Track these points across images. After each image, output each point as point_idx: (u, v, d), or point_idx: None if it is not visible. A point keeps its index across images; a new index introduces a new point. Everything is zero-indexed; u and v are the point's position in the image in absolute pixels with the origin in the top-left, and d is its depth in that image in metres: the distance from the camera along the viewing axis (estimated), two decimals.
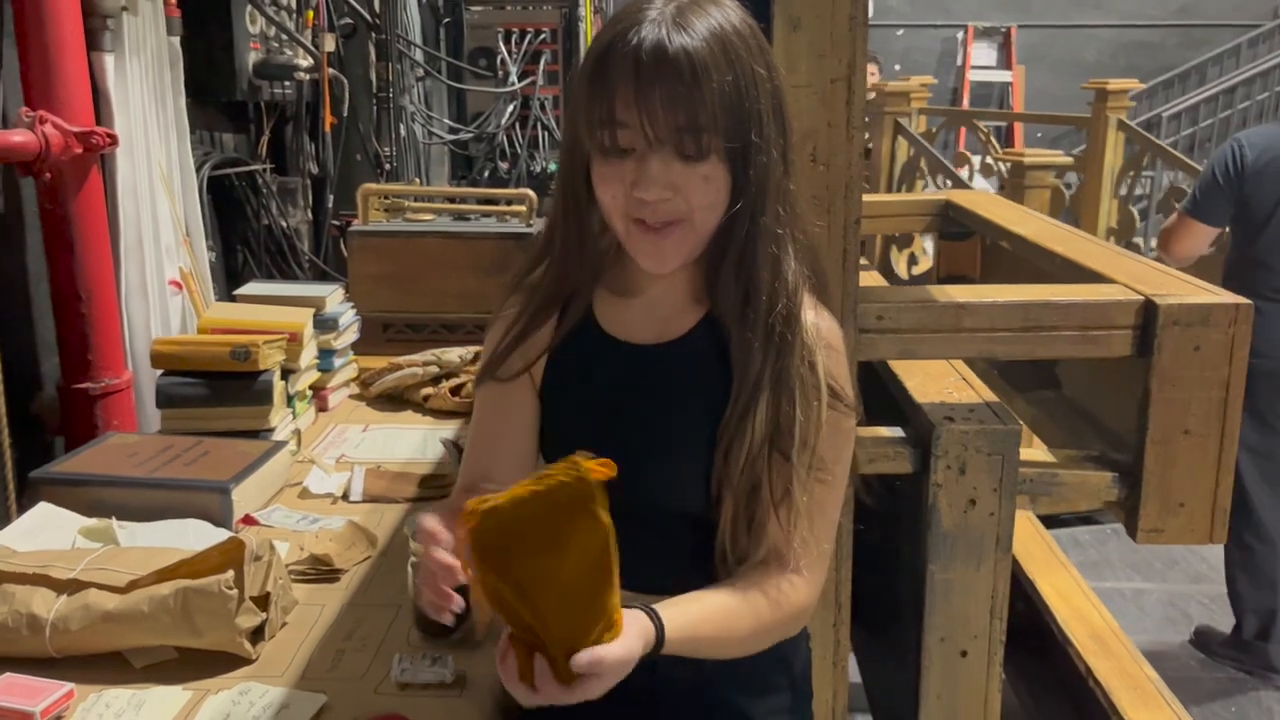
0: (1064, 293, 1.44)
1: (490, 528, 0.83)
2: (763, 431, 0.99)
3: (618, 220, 1.00)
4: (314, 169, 3.53)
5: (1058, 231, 1.99)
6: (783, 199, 1.00)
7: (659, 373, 1.07)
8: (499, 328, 1.14)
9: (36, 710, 1.11)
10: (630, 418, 1.07)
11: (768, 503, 1.01)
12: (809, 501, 1.02)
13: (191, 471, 1.64)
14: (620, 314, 1.10)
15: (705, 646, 1.01)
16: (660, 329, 1.08)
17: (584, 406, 1.10)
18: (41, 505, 1.55)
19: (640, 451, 1.04)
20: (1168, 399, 1.39)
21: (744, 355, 1.01)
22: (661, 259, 1.00)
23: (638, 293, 1.09)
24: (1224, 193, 2.88)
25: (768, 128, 0.97)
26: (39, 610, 1.23)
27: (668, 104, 0.92)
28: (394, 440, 2.00)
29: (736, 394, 1.01)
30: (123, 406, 2.15)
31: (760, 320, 1.00)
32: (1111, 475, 1.46)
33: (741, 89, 0.94)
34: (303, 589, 1.43)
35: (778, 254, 1.00)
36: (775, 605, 1.03)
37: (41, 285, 2.15)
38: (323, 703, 1.18)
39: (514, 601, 0.86)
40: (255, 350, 1.84)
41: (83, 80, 2.08)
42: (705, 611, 1.00)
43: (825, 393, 1.01)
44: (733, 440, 1.00)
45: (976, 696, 1.46)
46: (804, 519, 1.02)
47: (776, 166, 0.99)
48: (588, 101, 0.97)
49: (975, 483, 1.41)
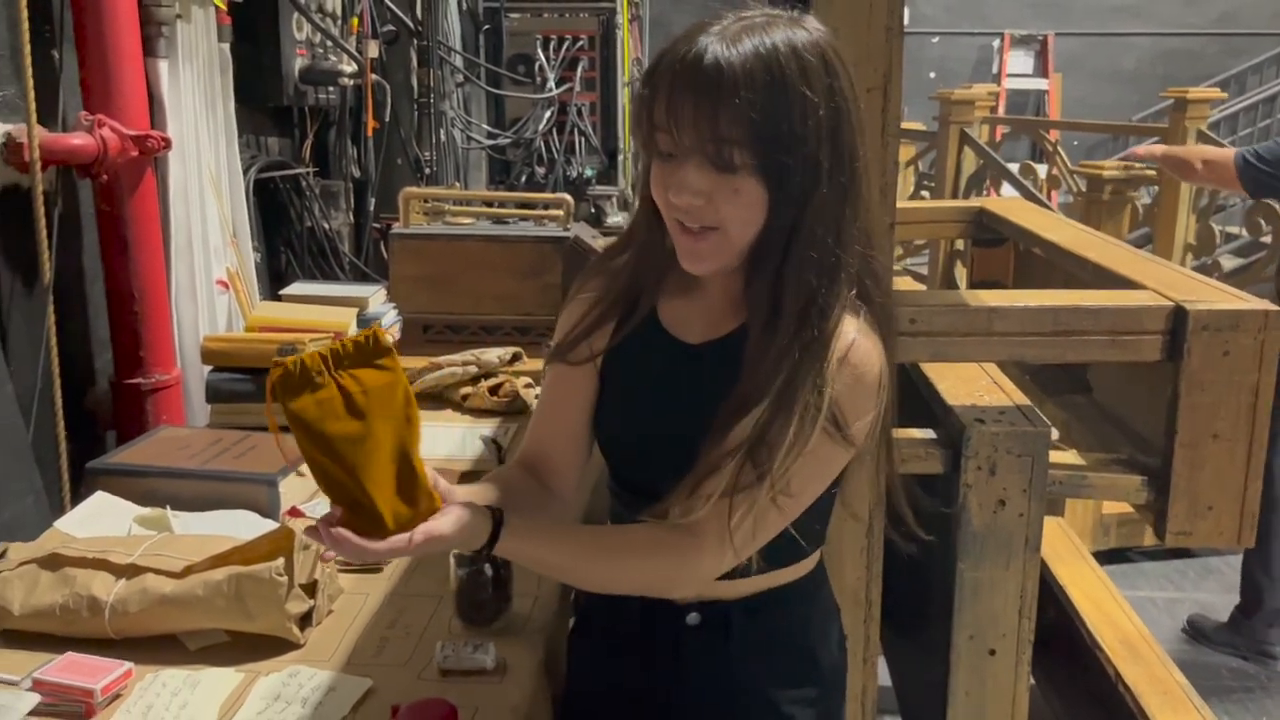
0: (1094, 298, 1.46)
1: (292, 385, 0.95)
2: (744, 435, 1.00)
3: (667, 219, 1.04)
4: (356, 172, 3.60)
5: (1090, 238, 2.00)
6: (830, 224, 0.99)
7: (695, 371, 1.11)
8: (574, 310, 1.18)
9: (97, 688, 1.16)
10: (668, 411, 1.12)
11: (714, 486, 1.00)
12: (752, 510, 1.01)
13: (240, 464, 1.69)
14: (678, 311, 1.14)
15: (550, 566, 1.08)
16: (707, 330, 1.12)
17: (632, 395, 1.15)
18: (98, 494, 1.61)
19: (676, 442, 1.08)
20: (1196, 403, 1.40)
21: (755, 360, 1.02)
22: (696, 261, 1.03)
23: (696, 291, 1.12)
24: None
25: (814, 152, 0.96)
26: (99, 593, 1.28)
27: (694, 113, 0.95)
28: (434, 438, 2.05)
29: (739, 390, 1.02)
30: (172, 402, 2.22)
31: (779, 338, 1.00)
32: (1140, 478, 1.47)
33: (782, 110, 0.94)
34: (348, 578, 1.47)
35: (814, 281, 0.99)
36: (655, 555, 1.05)
37: (97, 284, 2.23)
38: (368, 687, 1.22)
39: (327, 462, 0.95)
40: (302, 348, 1.89)
41: (139, 85, 2.15)
42: (563, 534, 1.08)
43: (824, 418, 1.00)
44: (719, 429, 1.01)
45: (1005, 695, 1.48)
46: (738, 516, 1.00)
47: (824, 191, 0.98)
48: (641, 106, 1.01)
49: (1005, 483, 1.43)
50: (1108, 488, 1.48)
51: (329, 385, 0.93)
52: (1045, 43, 9.87)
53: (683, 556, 1.03)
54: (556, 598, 1.44)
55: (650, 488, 1.09)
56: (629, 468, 1.19)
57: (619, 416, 1.17)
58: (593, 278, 1.19)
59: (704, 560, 1.03)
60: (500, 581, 1.34)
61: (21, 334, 2.00)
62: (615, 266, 1.16)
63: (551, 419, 1.21)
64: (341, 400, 0.94)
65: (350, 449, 0.95)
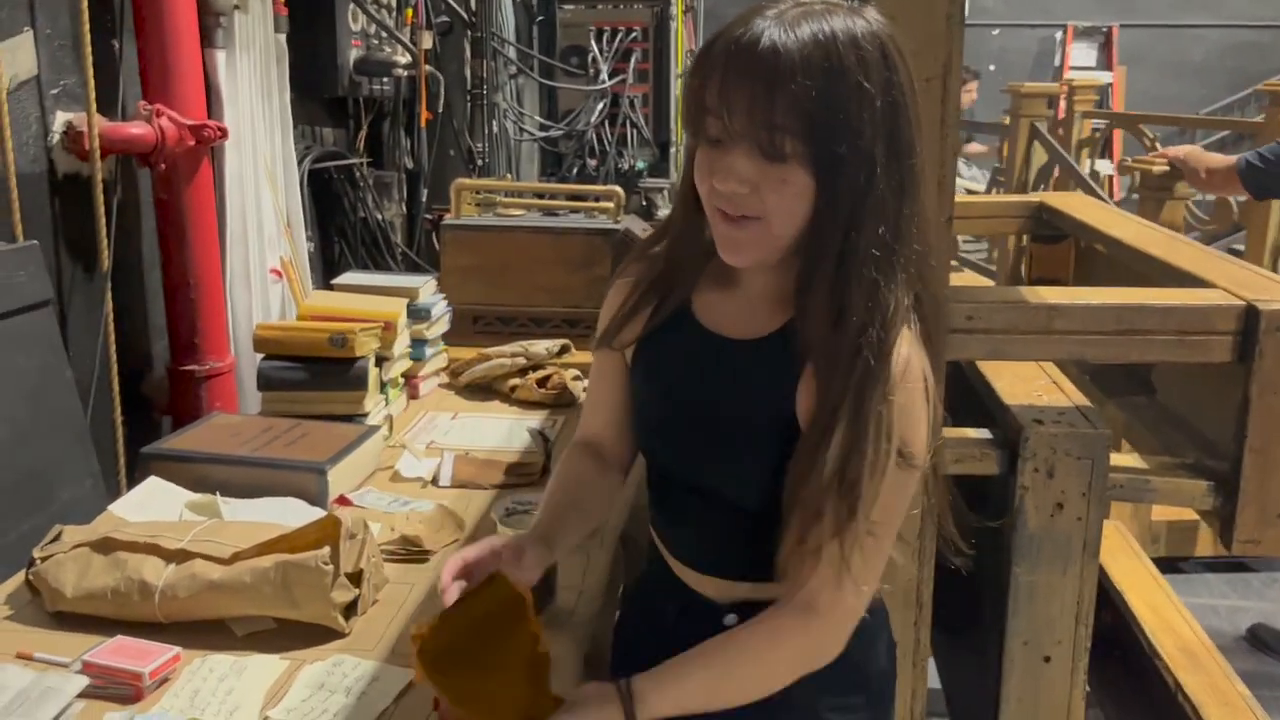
0: (1161, 296, 1.41)
1: (429, 649, 1.01)
2: (833, 465, 0.97)
3: (706, 206, 1.01)
4: (409, 163, 3.62)
5: (1154, 234, 1.94)
6: (888, 221, 0.96)
7: (731, 367, 1.08)
8: (615, 296, 1.18)
9: (145, 671, 1.17)
10: (701, 404, 1.09)
11: (826, 528, 0.99)
12: (856, 545, 0.99)
13: (290, 452, 1.70)
14: (714, 304, 1.11)
15: (700, 701, 1.04)
16: (745, 326, 1.08)
17: (664, 387, 1.13)
18: (151, 479, 1.62)
19: (704, 438, 1.09)
20: (1268, 406, 1.35)
21: (826, 380, 0.98)
22: (736, 251, 1.00)
23: (733, 285, 1.10)
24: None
25: (870, 144, 0.93)
26: (149, 577, 1.29)
27: (747, 98, 0.93)
28: (482, 428, 2.05)
29: (814, 417, 0.99)
30: (226, 388, 2.24)
31: (848, 345, 0.97)
32: (1207, 484, 1.42)
33: (835, 99, 0.92)
34: (393, 568, 1.47)
35: (876, 278, 0.96)
36: (783, 644, 1.04)
37: (154, 272, 2.26)
38: (411, 678, 1.21)
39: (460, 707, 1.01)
40: (352, 337, 1.90)
41: (196, 75, 2.18)
42: (690, 669, 1.03)
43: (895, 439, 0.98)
44: (809, 462, 0.98)
45: (1059, 704, 1.44)
46: (856, 557, 0.99)
47: (880, 186, 0.95)
48: (690, 87, 0.99)
49: (1063, 486, 1.39)
50: (1172, 493, 1.43)
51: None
52: (1110, 35, 9.66)
53: (807, 633, 1.03)
54: (601, 591, 1.43)
55: (680, 479, 1.11)
56: (658, 458, 1.18)
57: (650, 407, 1.16)
58: (632, 263, 1.18)
59: (828, 622, 1.03)
60: (545, 574, 1.33)
61: (81, 320, 2.03)
62: (654, 253, 1.15)
63: (600, 404, 1.23)
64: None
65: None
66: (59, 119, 1.96)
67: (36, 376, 1.78)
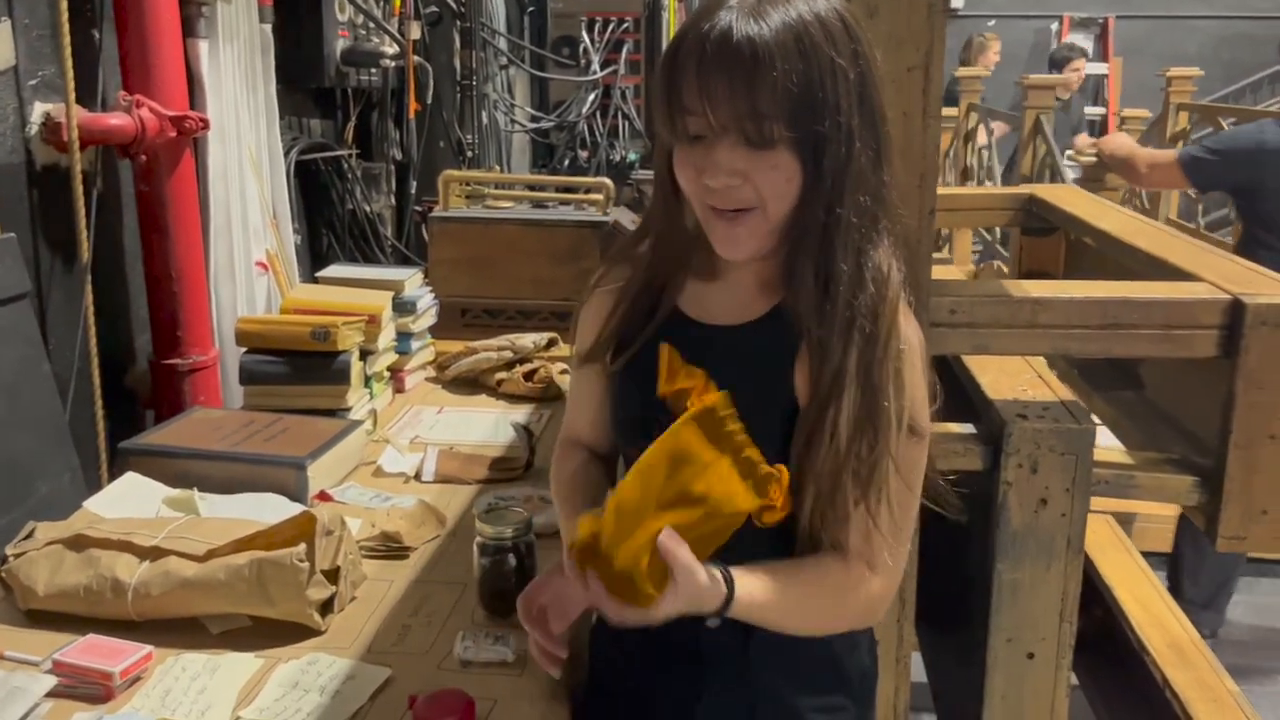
0: (1145, 290, 1.39)
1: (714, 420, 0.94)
2: (849, 428, 0.98)
3: (697, 206, 1.02)
4: (398, 155, 3.60)
5: (1143, 227, 1.93)
6: (868, 190, 0.99)
7: (725, 354, 1.07)
8: (597, 307, 1.16)
9: (116, 670, 1.16)
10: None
11: (849, 496, 1.00)
12: (891, 499, 1.01)
13: (271, 447, 1.69)
14: (700, 296, 1.11)
15: (775, 616, 1.04)
16: (735, 313, 1.09)
17: (652, 380, 1.10)
18: (129, 475, 1.61)
19: None
20: (1254, 402, 1.34)
21: (821, 350, 0.99)
22: (735, 245, 1.01)
23: (718, 277, 1.10)
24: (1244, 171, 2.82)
25: (847, 118, 0.95)
26: (122, 575, 1.28)
27: (729, 91, 0.93)
28: (467, 423, 2.03)
29: (814, 390, 1.00)
30: (209, 382, 2.23)
31: (839, 312, 0.98)
32: (1192, 479, 1.41)
33: (814, 79, 0.93)
34: (373, 565, 1.46)
35: (861, 245, 0.99)
36: (849, 592, 1.05)
37: (136, 265, 2.24)
38: (387, 676, 1.21)
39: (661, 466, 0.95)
40: (335, 331, 1.88)
41: (178, 66, 2.15)
42: (779, 583, 1.03)
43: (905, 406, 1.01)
44: (811, 436, 0.99)
45: (1043, 700, 1.43)
46: (884, 516, 1.01)
47: (860, 157, 0.97)
48: (662, 89, 0.99)
49: (1047, 482, 1.38)
50: (1157, 489, 1.42)
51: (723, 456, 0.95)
52: (1106, 26, 9.63)
53: (867, 581, 1.05)
54: None
55: None
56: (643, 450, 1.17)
57: (642, 409, 1.13)
58: (610, 271, 1.16)
59: (886, 579, 1.06)
60: (524, 571, 1.32)
61: (60, 313, 2.01)
62: (635, 257, 1.14)
63: (585, 407, 1.22)
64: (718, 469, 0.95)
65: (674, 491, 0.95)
66: (37, 110, 1.94)
67: (14, 370, 1.76)
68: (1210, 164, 2.91)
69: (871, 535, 1.02)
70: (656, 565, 0.94)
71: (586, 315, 1.17)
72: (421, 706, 1.12)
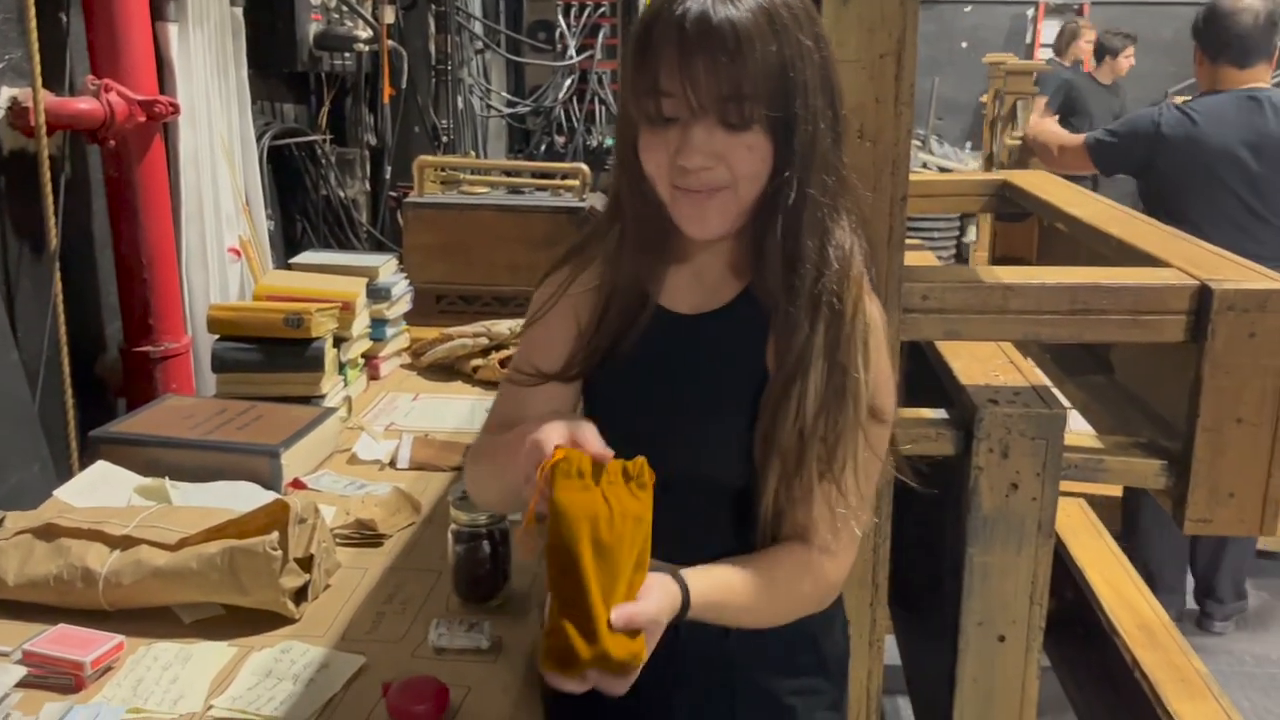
0: (1114, 275, 1.40)
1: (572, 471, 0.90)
2: (815, 402, 0.99)
3: (662, 187, 1.01)
4: (372, 140, 3.58)
5: (1114, 213, 1.94)
6: (831, 170, 1.00)
7: (696, 342, 1.08)
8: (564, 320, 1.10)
9: (87, 660, 1.15)
10: (667, 384, 1.09)
11: (811, 475, 1.01)
12: (855, 475, 1.03)
13: (244, 435, 1.68)
14: (671, 284, 1.10)
15: (731, 614, 1.04)
16: (702, 299, 1.09)
17: (625, 371, 1.10)
18: (100, 464, 1.60)
19: (676, 418, 1.07)
20: (1220, 386, 1.35)
21: (788, 325, 1.00)
22: (704, 224, 1.01)
23: (683, 261, 1.09)
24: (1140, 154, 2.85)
25: (814, 99, 0.97)
26: (93, 564, 1.27)
27: (711, 73, 0.93)
28: (443, 410, 2.03)
29: (780, 363, 1.01)
30: (181, 370, 2.21)
31: (805, 289, 0.99)
32: (1160, 463, 1.43)
33: (787, 59, 0.95)
34: (347, 552, 1.46)
35: (825, 222, 1.00)
36: (803, 578, 1.06)
37: (106, 251, 2.22)
38: (361, 664, 1.20)
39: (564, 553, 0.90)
40: (308, 318, 1.87)
41: (147, 49, 2.13)
42: (732, 579, 1.03)
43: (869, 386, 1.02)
44: (777, 409, 1.00)
45: (1014, 682, 1.44)
46: (847, 492, 1.02)
47: (824, 138, 0.98)
48: (634, 72, 0.98)
49: (1018, 466, 1.39)
50: (1125, 472, 1.44)
51: (594, 491, 0.91)
52: (1081, 11, 9.66)
53: (822, 565, 1.06)
54: None
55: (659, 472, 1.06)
56: (621, 448, 1.10)
57: (613, 391, 1.12)
58: (579, 271, 1.11)
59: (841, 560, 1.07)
60: (498, 558, 1.32)
61: (29, 300, 1.99)
62: (609, 253, 1.09)
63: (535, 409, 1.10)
64: (604, 510, 0.91)
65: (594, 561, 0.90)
66: (3, 94, 1.92)
67: None
68: (1111, 147, 2.98)
69: (831, 514, 1.03)
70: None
71: (550, 324, 1.11)
72: (395, 694, 1.12)
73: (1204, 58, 2.95)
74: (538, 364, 1.11)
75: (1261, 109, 2.83)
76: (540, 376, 1.11)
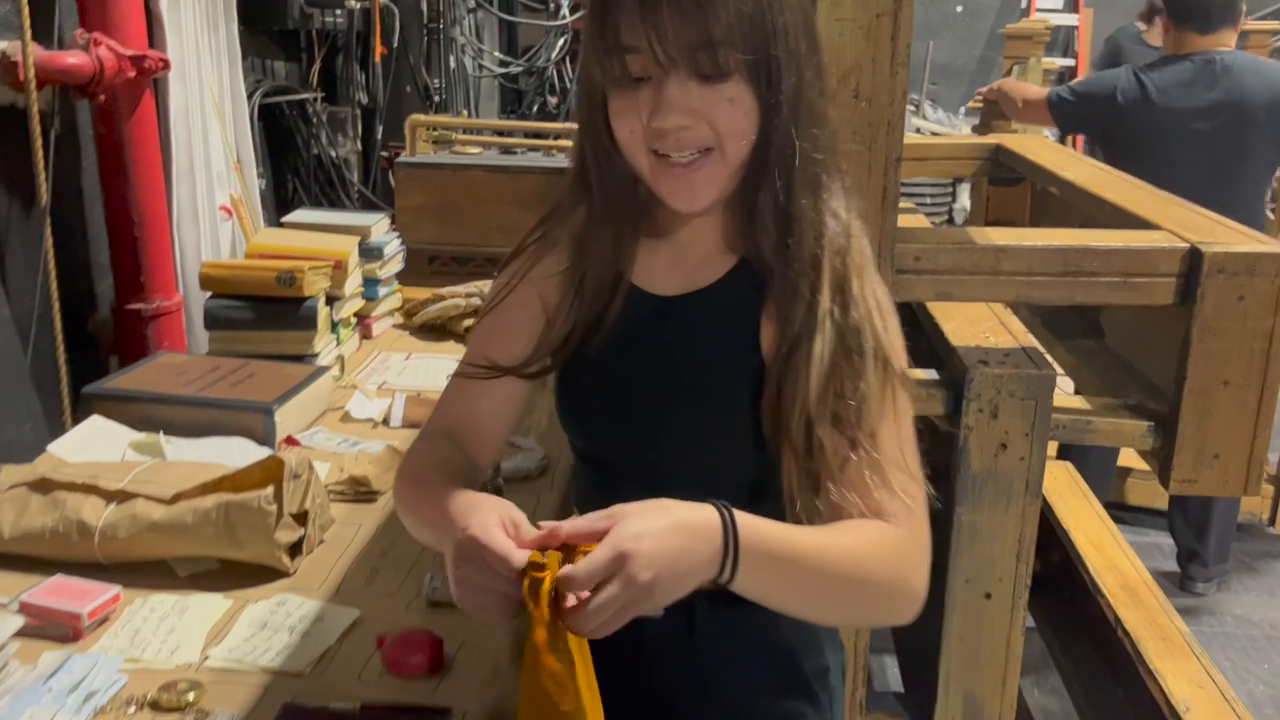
0: (1106, 238, 1.41)
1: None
2: (824, 369, 0.89)
3: (640, 157, 0.90)
4: (364, 99, 3.55)
5: (1108, 177, 1.94)
6: (819, 122, 0.91)
7: (682, 325, 0.97)
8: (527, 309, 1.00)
9: (84, 611, 1.16)
10: (653, 375, 0.97)
11: (834, 447, 0.89)
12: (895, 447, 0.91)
13: (237, 392, 1.68)
14: (644, 262, 0.99)
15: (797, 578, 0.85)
16: (688, 278, 0.98)
17: (602, 364, 0.99)
18: (93, 418, 1.60)
19: (666, 412, 0.96)
20: (1208, 349, 1.37)
21: (789, 291, 0.91)
22: (692, 196, 0.90)
23: (661, 237, 0.98)
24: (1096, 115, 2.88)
25: (794, 42, 0.88)
26: (89, 518, 1.28)
27: (677, 20, 0.84)
28: (435, 369, 2.03)
29: (783, 332, 0.91)
30: (173, 328, 2.21)
31: (805, 250, 0.91)
32: (1147, 424, 1.44)
33: (762, 1, 0.86)
34: (341, 508, 1.47)
35: (820, 177, 0.92)
36: (881, 543, 0.88)
37: (96, 208, 2.21)
38: (355, 617, 1.22)
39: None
40: (301, 276, 1.87)
41: (136, 3, 2.11)
42: (791, 529, 0.86)
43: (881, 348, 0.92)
44: (782, 381, 0.90)
45: (999, 639, 1.46)
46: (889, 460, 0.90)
47: (810, 86, 0.90)
48: (595, 30, 0.89)
49: (1007, 427, 1.40)
50: (1113, 433, 1.45)
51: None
52: None
53: (896, 534, 0.89)
54: None
55: (645, 468, 0.97)
56: (613, 452, 1.03)
57: (593, 399, 1.01)
58: (543, 254, 1.00)
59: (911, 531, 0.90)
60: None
61: (19, 257, 1.98)
62: (575, 234, 0.99)
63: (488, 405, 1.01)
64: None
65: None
66: None
67: None
68: (1070, 105, 2.97)
69: (882, 490, 0.89)
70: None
71: (514, 316, 1.01)
72: (390, 646, 1.13)
73: (1170, 23, 2.92)
74: (493, 357, 1.00)
75: (1215, 72, 2.81)
76: (496, 370, 0.99)
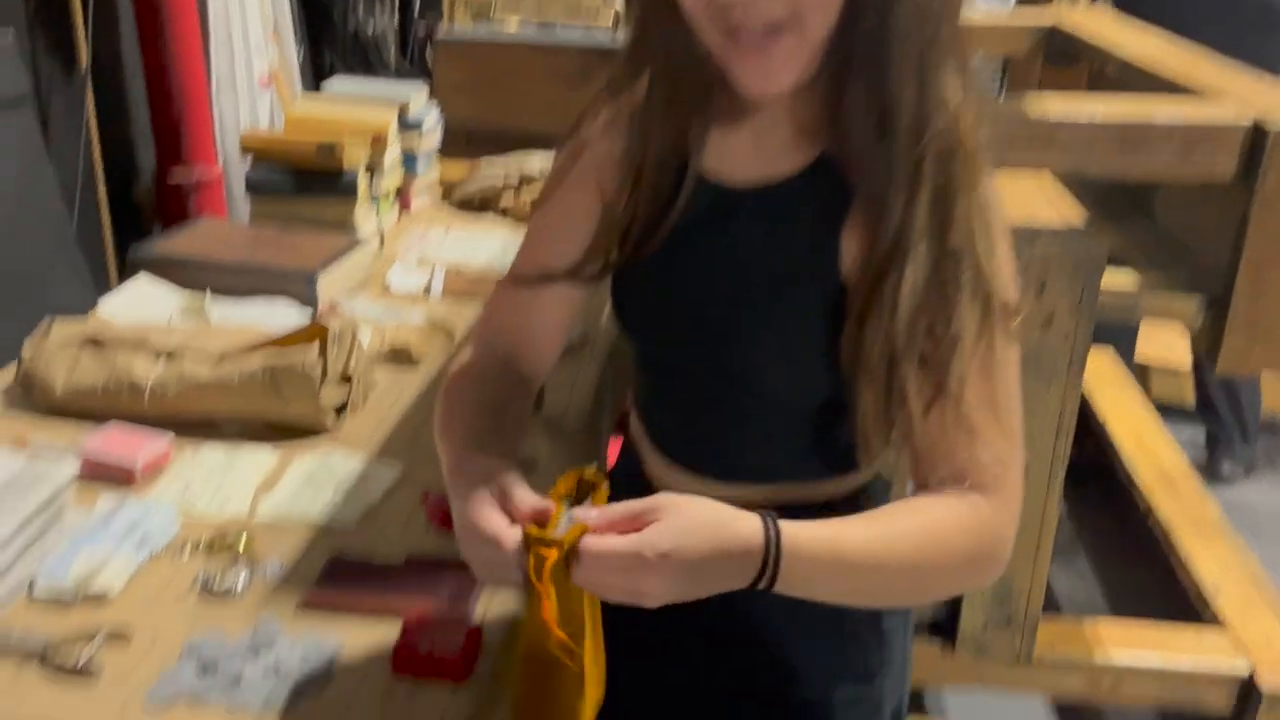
0: (1167, 111, 1.36)
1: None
2: (915, 298, 0.76)
3: (707, 29, 0.77)
4: None
5: (1170, 48, 1.87)
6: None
7: (757, 226, 0.85)
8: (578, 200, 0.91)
9: (137, 465, 1.19)
10: (719, 275, 0.87)
11: (915, 399, 0.77)
12: (985, 398, 0.79)
13: (280, 259, 1.69)
14: (714, 148, 0.87)
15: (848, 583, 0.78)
16: (763, 168, 0.85)
17: (663, 262, 0.88)
18: (141, 276, 1.61)
19: (731, 318, 0.86)
20: (1268, 225, 1.33)
21: (880, 200, 0.77)
22: (767, 77, 0.77)
23: (734, 121, 0.86)
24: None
25: None
26: (138, 376, 1.30)
27: None
28: (474, 244, 2.03)
29: (872, 247, 0.78)
30: (214, 198, 2.22)
31: (901, 155, 0.76)
32: (1198, 298, 1.42)
33: None
34: (383, 373, 1.48)
35: (924, 64, 0.76)
36: (961, 527, 0.79)
37: (137, 78, 2.19)
38: (400, 473, 1.24)
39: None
40: (341, 149, 1.85)
41: None
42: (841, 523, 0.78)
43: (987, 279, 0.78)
44: (868, 306, 0.78)
45: (1035, 511, 1.46)
46: (976, 424, 0.78)
47: None
48: None
49: (1054, 303, 1.38)
50: (1163, 310, 1.43)
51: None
52: None
53: (976, 506, 0.79)
54: (589, 405, 1.44)
55: (698, 373, 0.91)
56: (666, 353, 0.94)
57: (651, 301, 0.91)
58: (598, 137, 0.90)
59: (1001, 501, 0.80)
60: None
61: (61, 123, 1.98)
62: (635, 113, 0.87)
63: (540, 317, 0.96)
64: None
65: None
66: None
67: (18, 177, 1.74)
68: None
69: (968, 445, 0.78)
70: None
71: (568, 211, 0.92)
72: (434, 502, 1.16)
73: None
74: (545, 261, 0.92)
75: None
76: (549, 278, 0.91)
